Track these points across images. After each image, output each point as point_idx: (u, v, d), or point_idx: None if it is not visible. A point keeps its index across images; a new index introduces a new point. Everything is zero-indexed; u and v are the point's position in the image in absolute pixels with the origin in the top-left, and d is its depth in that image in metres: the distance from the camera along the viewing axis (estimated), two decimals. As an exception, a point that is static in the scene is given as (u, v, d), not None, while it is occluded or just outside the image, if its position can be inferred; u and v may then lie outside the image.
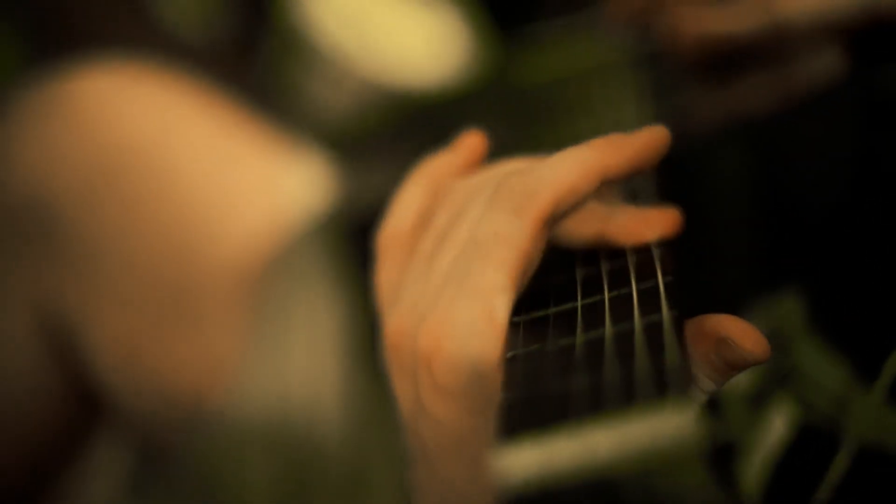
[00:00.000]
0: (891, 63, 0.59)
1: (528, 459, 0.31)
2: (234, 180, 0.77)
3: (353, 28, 1.19)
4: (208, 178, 0.76)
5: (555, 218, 0.41)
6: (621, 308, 0.38)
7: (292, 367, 0.72)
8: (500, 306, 0.39)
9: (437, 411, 0.39)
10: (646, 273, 0.40)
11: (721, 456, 0.56)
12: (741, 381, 0.56)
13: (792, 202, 0.59)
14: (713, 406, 0.56)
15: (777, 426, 0.54)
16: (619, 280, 0.41)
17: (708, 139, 0.60)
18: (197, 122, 0.78)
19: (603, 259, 0.43)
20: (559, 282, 0.42)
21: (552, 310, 0.40)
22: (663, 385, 0.32)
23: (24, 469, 0.80)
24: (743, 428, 0.55)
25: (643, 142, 0.42)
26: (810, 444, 0.52)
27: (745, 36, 0.62)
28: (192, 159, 0.76)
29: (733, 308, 0.57)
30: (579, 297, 0.40)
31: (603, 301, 0.39)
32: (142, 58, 1.06)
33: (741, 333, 0.40)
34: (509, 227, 0.41)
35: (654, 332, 0.36)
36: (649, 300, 0.38)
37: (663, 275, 0.40)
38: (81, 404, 0.79)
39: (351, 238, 0.73)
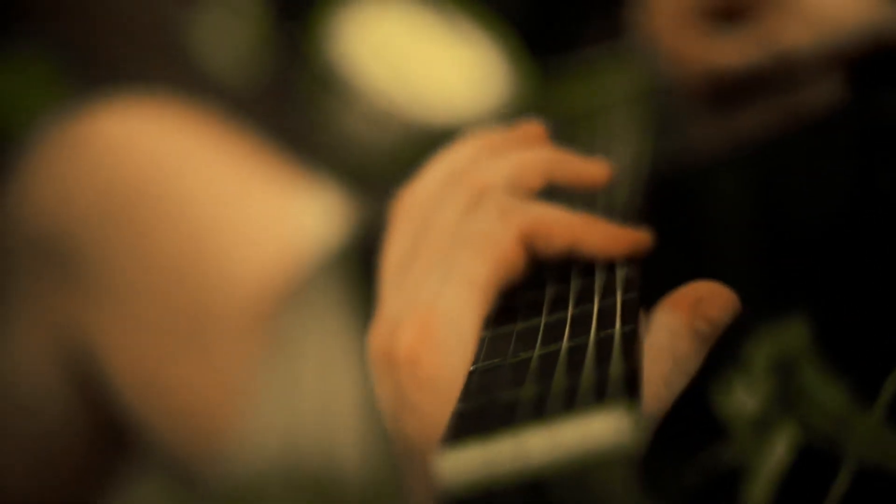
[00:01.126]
0: (889, 88, 0.60)
1: (468, 463, 0.32)
2: (249, 212, 0.79)
3: (389, 63, 1.21)
4: (222, 209, 0.78)
5: (531, 244, 0.44)
6: (581, 324, 0.40)
7: (305, 399, 0.74)
8: (483, 297, 0.42)
9: (423, 403, 0.41)
10: (610, 291, 0.42)
11: (654, 462, 0.57)
12: (748, 406, 0.57)
13: (794, 226, 0.60)
14: (721, 432, 0.57)
15: (780, 449, 0.54)
16: (584, 297, 0.43)
17: (710, 164, 0.62)
18: (212, 155, 0.81)
19: (574, 277, 0.45)
20: (529, 298, 0.44)
21: (518, 325, 0.42)
22: (603, 394, 0.34)
23: (50, 500, 0.82)
24: (749, 452, 0.56)
25: (629, 234, 0.46)
26: (812, 465, 0.53)
27: (750, 68, 0.63)
28: (206, 192, 0.79)
29: (740, 333, 0.58)
30: (544, 314, 0.42)
31: (566, 318, 0.41)
32: (178, 97, 1.09)
33: (710, 291, 0.42)
34: (496, 229, 0.44)
35: (604, 345, 0.38)
36: (607, 316, 0.40)
37: (626, 292, 0.42)
38: (105, 433, 0.82)
39: (365, 270, 0.75)
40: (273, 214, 0.79)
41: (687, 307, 0.41)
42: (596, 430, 0.32)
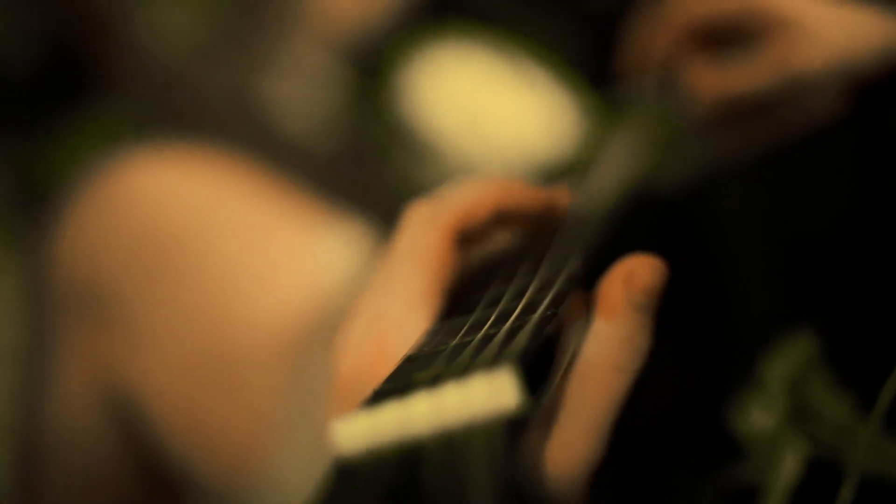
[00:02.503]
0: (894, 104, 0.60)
1: (356, 432, 0.35)
2: (274, 253, 0.82)
3: (461, 113, 1.22)
4: (249, 252, 0.81)
5: (464, 234, 0.47)
6: (505, 316, 0.42)
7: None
8: (424, 304, 0.45)
9: None
10: (548, 285, 0.44)
11: (670, 482, 0.57)
12: (762, 424, 0.57)
13: (799, 241, 0.60)
14: (737, 450, 0.57)
15: (790, 463, 0.55)
16: (519, 293, 0.44)
17: (714, 181, 0.62)
18: (238, 200, 0.84)
19: (518, 275, 0.47)
20: (470, 297, 0.47)
21: (451, 321, 0.44)
22: (492, 365, 0.35)
23: None
24: (764, 469, 0.56)
25: (544, 195, 0.49)
26: (818, 477, 0.53)
27: (764, 93, 0.63)
28: (233, 235, 0.82)
29: (754, 351, 0.58)
30: (477, 310, 0.44)
31: (494, 312, 0.43)
32: (253, 160, 1.12)
33: (637, 262, 0.43)
34: (422, 239, 0.46)
35: (515, 331, 0.40)
36: (531, 307, 0.42)
37: (562, 284, 0.43)
38: (147, 472, 0.84)
39: None
40: (298, 253, 0.82)
41: (619, 284, 0.42)
42: (475, 395, 0.34)
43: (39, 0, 1.25)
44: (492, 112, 1.20)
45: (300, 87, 1.28)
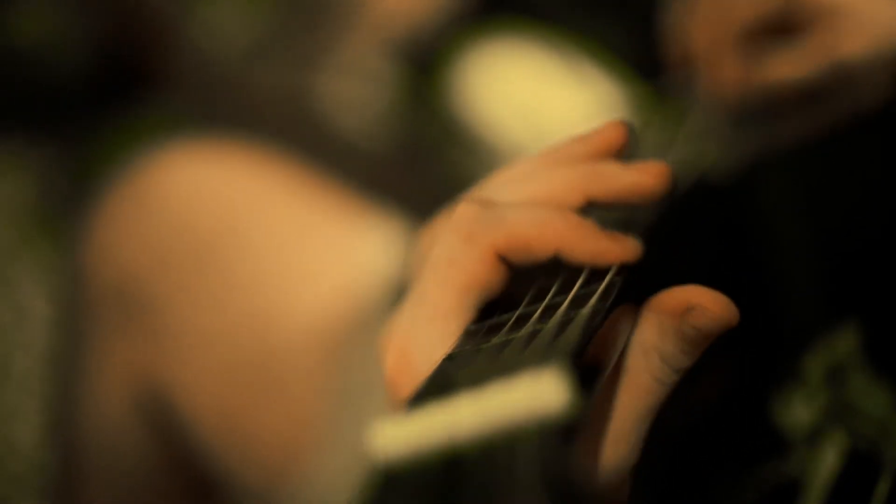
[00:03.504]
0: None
1: (397, 436, 0.34)
2: (312, 250, 0.81)
3: (516, 111, 1.22)
4: (286, 249, 0.81)
5: (508, 258, 0.43)
6: (551, 312, 0.41)
7: None
8: (451, 325, 0.42)
9: None
10: (594, 279, 0.43)
11: (715, 476, 0.57)
12: (805, 418, 0.57)
13: (844, 230, 0.59)
14: (781, 445, 0.57)
15: (830, 457, 0.54)
16: (564, 289, 0.43)
17: (760, 170, 0.61)
18: (276, 196, 0.84)
19: (561, 273, 0.44)
20: (511, 295, 0.44)
21: (492, 320, 0.43)
22: (541, 363, 0.34)
23: None
24: (803, 466, 0.55)
25: (616, 244, 0.44)
26: (857, 471, 0.53)
27: (807, 80, 0.63)
28: (270, 233, 0.82)
29: (798, 346, 0.58)
30: (521, 306, 0.43)
31: (538, 308, 0.42)
32: (307, 161, 1.12)
33: (709, 299, 0.41)
34: (460, 254, 0.43)
35: (564, 323, 0.39)
36: (578, 302, 0.41)
37: (609, 283, 0.41)
38: (184, 474, 0.85)
39: None
40: (338, 251, 0.82)
41: (674, 312, 0.41)
42: (522, 396, 0.33)
43: (94, 0, 1.26)
44: (545, 107, 1.20)
45: (354, 86, 1.28)
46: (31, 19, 1.23)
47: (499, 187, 0.46)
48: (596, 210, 0.46)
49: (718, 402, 0.60)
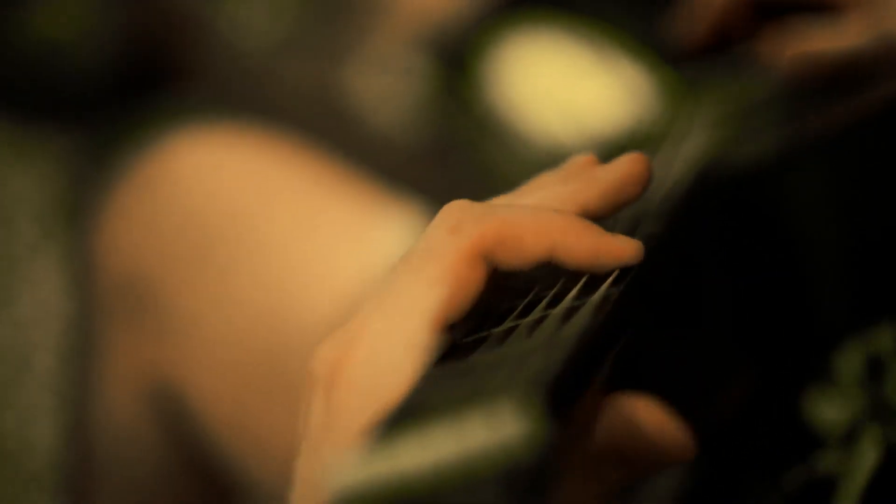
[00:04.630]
0: None
1: (357, 469, 0.31)
2: (328, 242, 0.80)
3: (549, 103, 1.21)
4: (299, 243, 0.79)
5: (495, 257, 0.39)
6: (535, 328, 0.38)
7: None
8: (419, 329, 0.38)
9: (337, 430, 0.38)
10: (590, 289, 0.40)
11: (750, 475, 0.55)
12: (839, 415, 0.55)
13: (878, 222, 0.57)
14: (815, 442, 0.55)
15: (867, 455, 0.53)
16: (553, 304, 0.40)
17: (793, 155, 0.59)
18: (290, 184, 0.82)
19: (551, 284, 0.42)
20: (496, 304, 0.42)
21: (479, 334, 0.40)
22: (513, 393, 0.31)
23: None
24: (841, 461, 0.54)
25: (615, 245, 0.41)
26: (892, 467, 0.51)
27: (853, 52, 0.61)
28: (283, 223, 0.80)
29: (830, 342, 0.56)
30: (507, 321, 0.40)
31: (521, 324, 0.39)
32: (339, 154, 1.11)
33: (659, 425, 0.38)
34: (443, 244, 0.39)
35: (571, 311, 0.36)
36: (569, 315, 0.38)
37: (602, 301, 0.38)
38: (196, 473, 0.83)
39: None
40: (353, 244, 0.80)
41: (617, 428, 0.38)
42: (487, 429, 0.30)
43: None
44: (578, 98, 1.19)
45: (385, 80, 1.28)
46: (60, 12, 1.23)
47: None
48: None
49: (748, 401, 0.58)
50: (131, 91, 1.25)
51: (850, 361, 0.55)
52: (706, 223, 0.54)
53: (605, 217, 0.43)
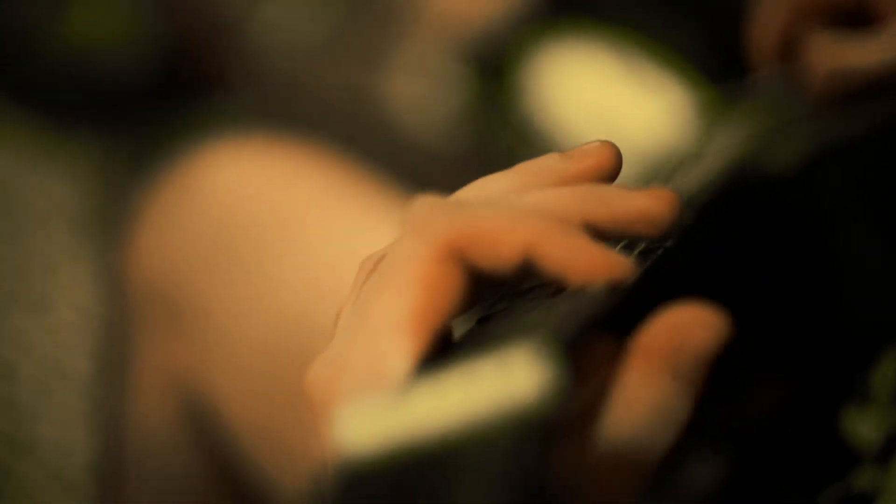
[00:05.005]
0: None
1: (369, 426, 0.31)
2: (356, 251, 0.79)
3: (586, 112, 1.21)
4: (329, 251, 0.79)
5: (467, 258, 0.37)
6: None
7: None
8: (393, 352, 0.35)
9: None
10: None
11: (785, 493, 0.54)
12: (871, 435, 0.55)
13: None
14: (853, 459, 0.55)
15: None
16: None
17: (823, 165, 0.59)
18: (322, 197, 0.82)
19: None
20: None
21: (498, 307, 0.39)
22: (532, 343, 0.30)
23: None
24: (875, 483, 0.53)
25: (598, 260, 0.37)
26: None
27: (886, 68, 0.61)
28: (313, 233, 0.80)
29: (866, 353, 0.56)
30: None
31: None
32: (374, 161, 1.12)
33: (692, 316, 0.35)
34: (409, 249, 0.37)
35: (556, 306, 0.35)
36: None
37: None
38: (225, 480, 0.84)
39: None
40: (378, 247, 0.80)
41: (663, 340, 0.35)
42: (496, 383, 0.30)
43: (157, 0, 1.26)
44: (615, 109, 1.19)
45: (422, 88, 1.28)
46: (96, 17, 1.24)
47: (464, 199, 0.40)
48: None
49: (782, 415, 0.58)
50: (168, 96, 1.25)
51: (885, 376, 0.55)
52: (737, 227, 0.54)
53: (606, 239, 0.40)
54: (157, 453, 0.85)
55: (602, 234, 0.39)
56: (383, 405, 0.31)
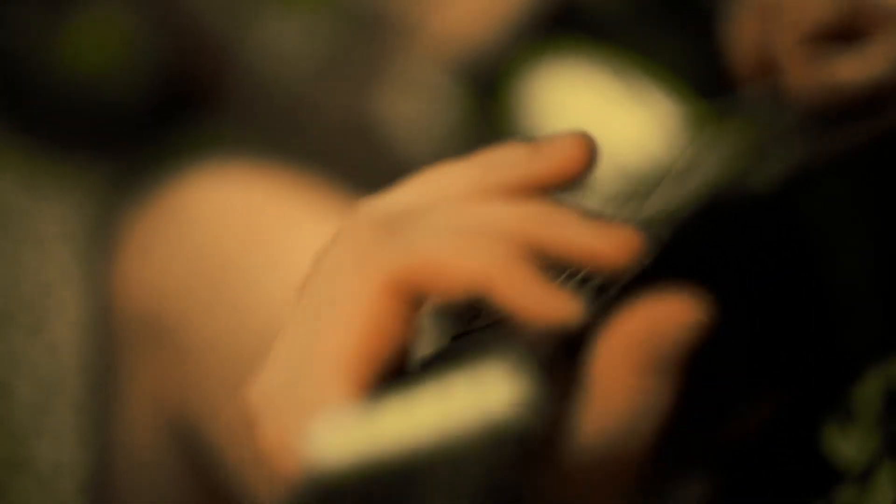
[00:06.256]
0: None
1: (336, 438, 0.30)
2: None
3: (578, 129, 1.21)
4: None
5: (414, 292, 0.35)
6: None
7: None
8: (336, 395, 0.33)
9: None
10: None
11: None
12: (854, 453, 0.55)
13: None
14: (834, 476, 0.55)
15: (883, 493, 0.53)
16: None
17: (808, 181, 0.59)
18: (305, 221, 0.83)
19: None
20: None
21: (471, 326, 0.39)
22: (507, 358, 0.30)
23: None
24: (856, 501, 0.54)
25: (550, 303, 0.34)
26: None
27: (875, 83, 0.61)
28: (297, 258, 0.80)
29: (850, 370, 0.56)
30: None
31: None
32: (371, 180, 1.12)
33: (666, 307, 0.33)
34: (350, 290, 0.35)
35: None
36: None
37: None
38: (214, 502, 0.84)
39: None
40: None
41: (632, 345, 0.33)
42: (474, 397, 0.29)
43: (152, 21, 1.27)
44: (608, 127, 1.19)
45: (416, 106, 1.28)
46: (93, 42, 1.24)
47: (422, 206, 0.38)
48: None
49: (765, 432, 0.58)
50: (164, 119, 1.26)
51: (868, 394, 0.55)
52: (721, 244, 0.54)
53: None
54: (146, 472, 0.85)
55: (542, 254, 0.37)
56: (355, 419, 0.30)
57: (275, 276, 0.80)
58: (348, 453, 0.30)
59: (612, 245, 0.36)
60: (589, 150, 0.39)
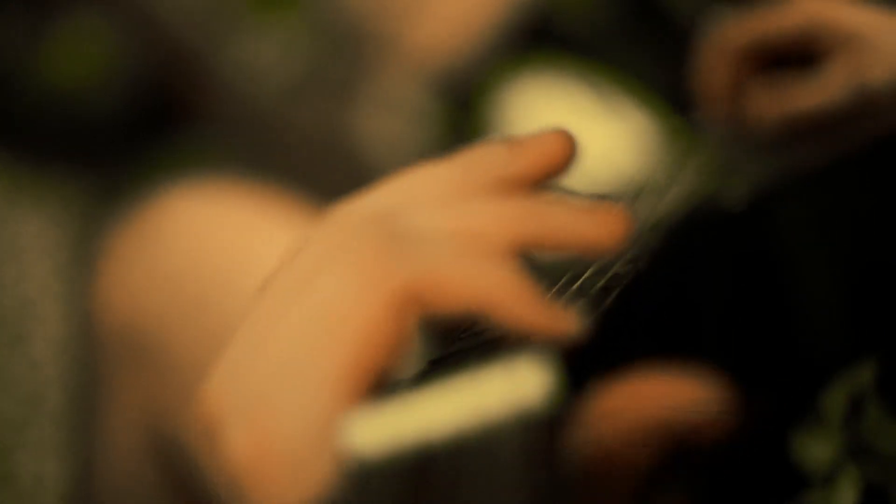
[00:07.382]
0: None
1: (372, 430, 0.30)
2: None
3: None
4: None
5: (415, 308, 0.34)
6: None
7: None
8: (330, 408, 0.33)
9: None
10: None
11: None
12: (819, 458, 0.56)
13: (862, 260, 0.59)
14: (800, 482, 0.57)
15: (846, 496, 0.54)
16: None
17: (772, 199, 0.61)
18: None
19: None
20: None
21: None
22: (537, 351, 0.31)
23: None
24: (824, 501, 0.55)
25: (549, 320, 0.34)
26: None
27: (834, 107, 0.62)
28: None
29: (819, 377, 0.57)
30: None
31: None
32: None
33: (694, 392, 0.34)
34: (350, 298, 0.34)
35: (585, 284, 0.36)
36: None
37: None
38: None
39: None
40: None
41: (622, 421, 0.33)
42: (502, 386, 0.30)
43: (131, 36, 1.27)
44: (583, 141, 1.20)
45: (392, 122, 1.29)
46: (73, 58, 1.25)
47: (407, 207, 0.37)
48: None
49: (736, 439, 0.59)
50: (144, 134, 1.26)
51: (835, 400, 0.56)
52: (693, 259, 0.55)
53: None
54: (127, 486, 0.86)
55: (532, 251, 0.37)
56: (391, 409, 0.31)
57: (254, 293, 0.81)
58: (386, 443, 0.30)
59: (602, 228, 0.36)
60: (569, 146, 0.39)
